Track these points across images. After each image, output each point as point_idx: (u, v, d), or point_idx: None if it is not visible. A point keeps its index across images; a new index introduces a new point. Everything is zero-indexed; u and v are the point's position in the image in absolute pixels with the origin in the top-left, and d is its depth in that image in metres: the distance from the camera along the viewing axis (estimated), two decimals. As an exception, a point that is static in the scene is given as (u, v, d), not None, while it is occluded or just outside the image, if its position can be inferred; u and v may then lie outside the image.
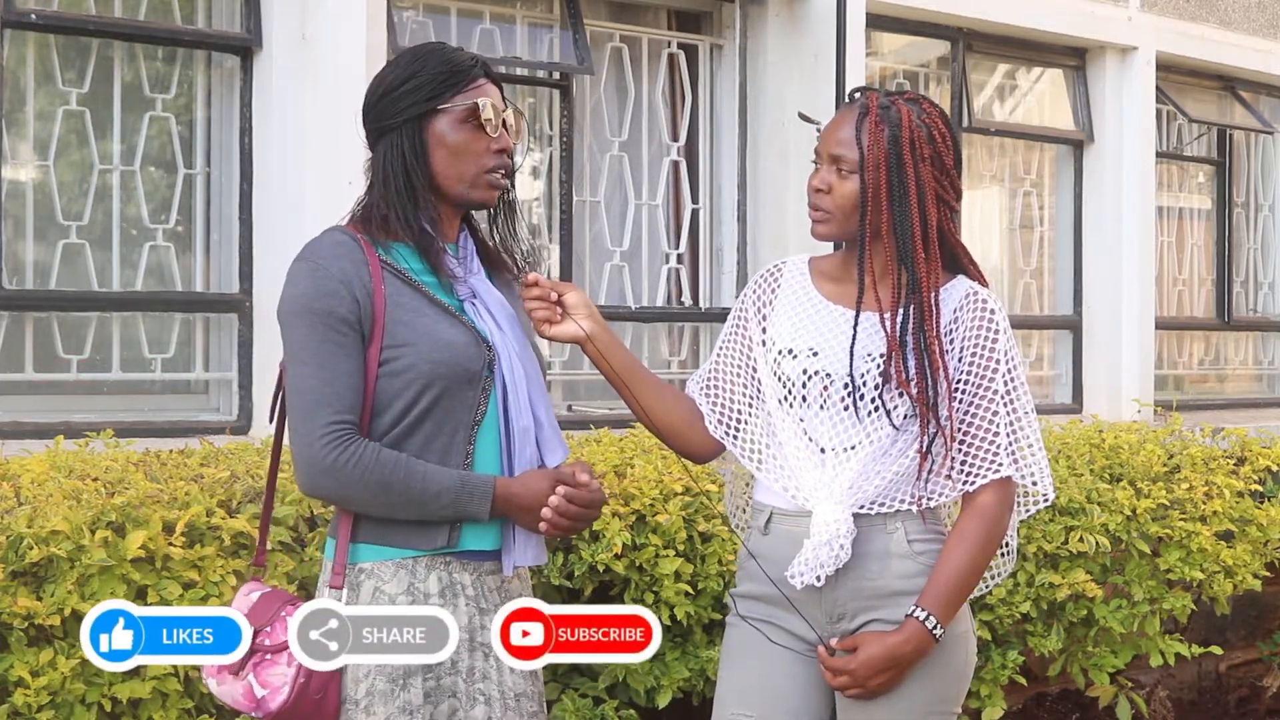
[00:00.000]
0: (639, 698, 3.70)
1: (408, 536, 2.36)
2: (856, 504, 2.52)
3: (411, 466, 2.32)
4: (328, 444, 2.29)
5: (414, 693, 2.33)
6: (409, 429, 2.35)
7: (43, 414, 4.92)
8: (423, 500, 2.32)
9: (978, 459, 2.53)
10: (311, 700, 2.31)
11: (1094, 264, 7.84)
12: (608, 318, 6.84)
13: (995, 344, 2.55)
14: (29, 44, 5.05)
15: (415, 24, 5.72)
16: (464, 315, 2.41)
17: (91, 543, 2.89)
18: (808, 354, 2.58)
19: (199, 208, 5.38)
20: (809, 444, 2.55)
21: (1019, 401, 2.57)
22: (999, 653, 4.23)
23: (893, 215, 2.52)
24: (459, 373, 2.36)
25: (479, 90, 2.43)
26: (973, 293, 2.58)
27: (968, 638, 2.62)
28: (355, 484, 2.30)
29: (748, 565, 2.66)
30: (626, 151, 6.34)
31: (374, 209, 2.41)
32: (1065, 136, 7.84)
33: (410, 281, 2.39)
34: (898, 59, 7.39)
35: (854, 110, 2.57)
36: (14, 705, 2.80)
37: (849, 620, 2.56)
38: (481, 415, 2.39)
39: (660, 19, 6.57)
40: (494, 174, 2.45)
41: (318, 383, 2.31)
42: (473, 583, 2.40)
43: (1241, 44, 8.35)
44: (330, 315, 2.31)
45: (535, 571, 3.50)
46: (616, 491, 3.65)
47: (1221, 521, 4.61)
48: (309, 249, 2.39)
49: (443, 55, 2.44)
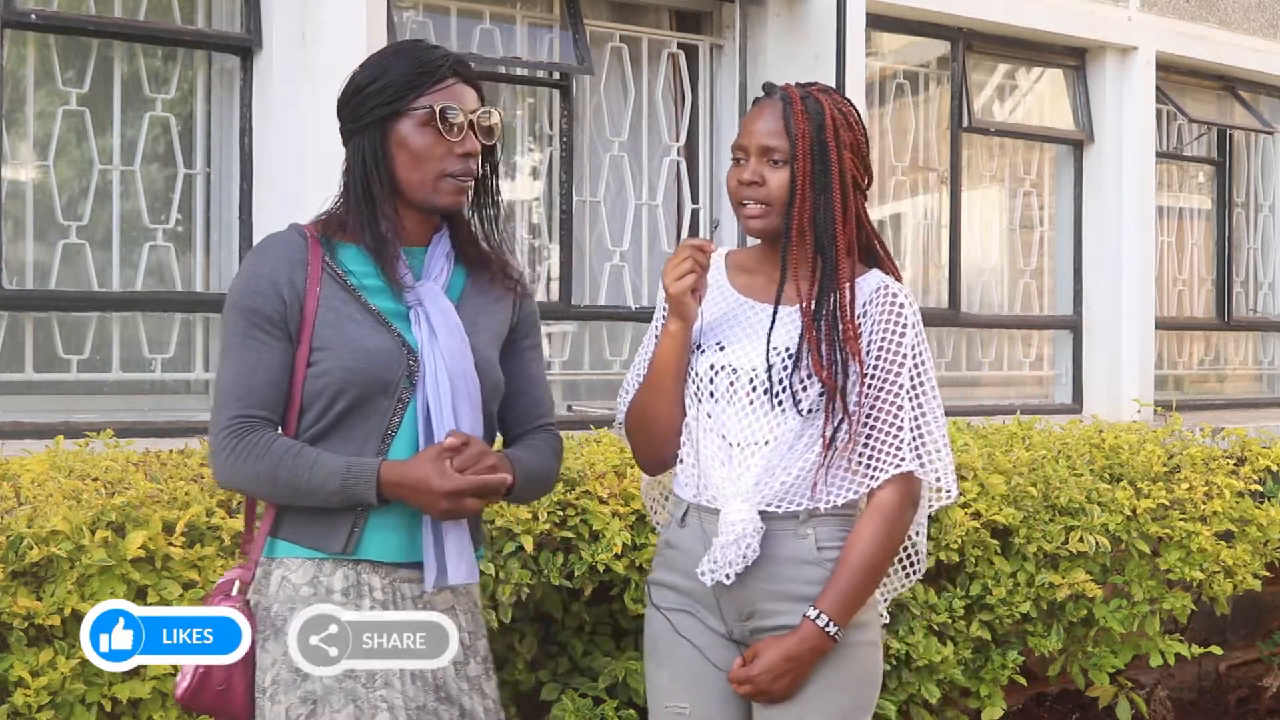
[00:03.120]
0: (639, 698, 3.70)
1: (314, 538, 2.38)
2: (763, 501, 2.54)
3: (302, 455, 2.33)
4: (226, 436, 2.34)
5: (316, 684, 2.33)
6: (324, 432, 2.37)
7: (43, 414, 4.92)
8: (311, 487, 2.32)
9: (880, 453, 2.53)
10: (214, 690, 2.34)
11: (1094, 264, 7.84)
12: (608, 318, 6.81)
13: (903, 338, 2.56)
14: (29, 44, 5.05)
15: (415, 24, 5.72)
16: (393, 323, 2.39)
17: (91, 543, 2.89)
18: (715, 348, 2.60)
19: (199, 208, 5.38)
20: (720, 440, 2.57)
21: (925, 397, 2.57)
22: (999, 653, 4.23)
23: (816, 204, 2.54)
24: (371, 381, 2.35)
25: (446, 92, 2.39)
26: (884, 286, 2.60)
27: (875, 646, 2.63)
28: (247, 473, 2.34)
29: (665, 554, 2.68)
30: (626, 151, 6.34)
31: (336, 210, 2.44)
32: (1065, 136, 7.84)
33: (347, 285, 2.39)
34: (898, 59, 7.39)
35: (776, 103, 2.58)
36: (14, 705, 2.80)
37: (760, 619, 2.58)
38: (396, 426, 2.38)
39: (660, 19, 6.57)
40: (456, 178, 2.39)
41: (232, 377, 2.36)
42: (383, 586, 2.39)
43: (1241, 44, 8.35)
44: (254, 313, 2.35)
45: (534, 572, 3.51)
46: (616, 491, 3.65)
47: (1221, 521, 4.61)
48: (255, 247, 2.45)
49: (412, 55, 2.41)
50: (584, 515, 3.57)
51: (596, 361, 6.27)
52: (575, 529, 3.55)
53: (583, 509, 3.58)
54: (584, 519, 3.57)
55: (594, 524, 3.56)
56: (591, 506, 3.57)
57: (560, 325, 6.14)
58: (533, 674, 3.72)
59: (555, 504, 3.54)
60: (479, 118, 2.40)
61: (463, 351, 2.40)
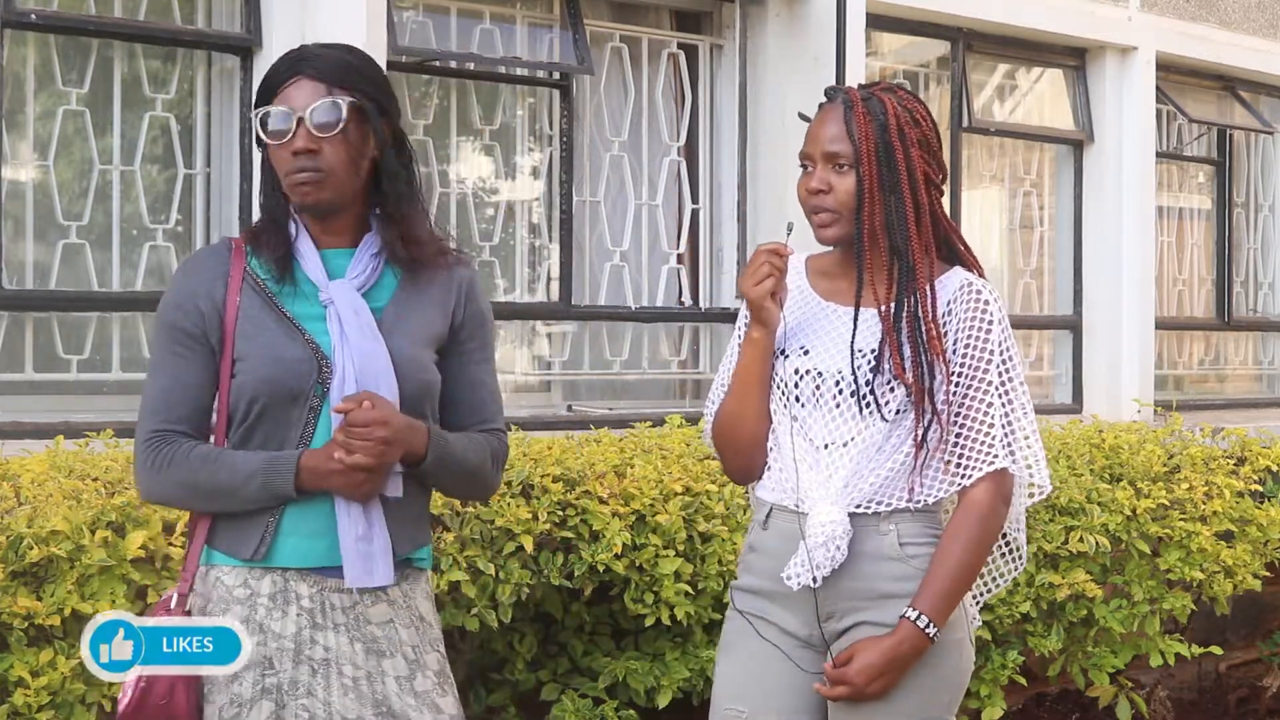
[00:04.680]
0: (639, 698, 3.70)
1: (231, 543, 2.37)
2: (852, 503, 2.52)
3: (221, 458, 2.34)
4: (145, 450, 2.37)
5: (244, 686, 2.34)
6: (241, 441, 2.38)
7: (43, 414, 4.92)
8: (233, 487, 2.33)
9: (972, 451, 2.52)
10: (156, 705, 2.32)
11: (1094, 264, 7.83)
12: (608, 318, 6.81)
13: (989, 335, 2.54)
14: (29, 44, 5.04)
15: (415, 24, 5.72)
16: (306, 329, 2.38)
17: (91, 543, 2.89)
18: (799, 353, 2.58)
19: (199, 207, 5.37)
20: (806, 443, 2.55)
21: (1014, 393, 2.55)
22: (999, 653, 4.23)
23: (887, 206, 2.52)
24: (282, 391, 2.35)
25: (288, 92, 2.37)
26: (968, 284, 2.58)
27: (962, 645, 2.60)
28: (169, 483, 2.36)
29: (747, 558, 2.66)
30: (627, 151, 6.34)
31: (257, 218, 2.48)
32: (1065, 136, 7.84)
33: (265, 292, 2.40)
34: (898, 59, 7.39)
35: (837, 107, 2.56)
36: (14, 705, 2.80)
37: (837, 620, 2.56)
38: (310, 435, 2.37)
39: (660, 19, 6.56)
40: (297, 174, 2.36)
41: (154, 391, 2.39)
42: (310, 595, 2.37)
43: (1241, 44, 8.35)
44: (174, 328, 2.39)
45: (534, 572, 3.51)
46: (616, 491, 3.65)
47: (1221, 521, 4.61)
48: (182, 261, 2.50)
49: (277, 60, 2.43)
50: (584, 515, 3.57)
51: (596, 361, 6.27)
52: (575, 529, 3.56)
53: (583, 509, 3.58)
54: (584, 519, 3.57)
55: (594, 524, 3.56)
56: (591, 506, 3.57)
57: (560, 325, 6.14)
58: (533, 674, 3.73)
59: (555, 504, 3.54)
60: (312, 111, 2.35)
61: (374, 351, 2.36)
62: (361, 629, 2.38)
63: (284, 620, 2.35)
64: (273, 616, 2.35)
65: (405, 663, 2.40)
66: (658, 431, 4.40)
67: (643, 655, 3.78)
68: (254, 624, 2.34)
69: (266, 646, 2.34)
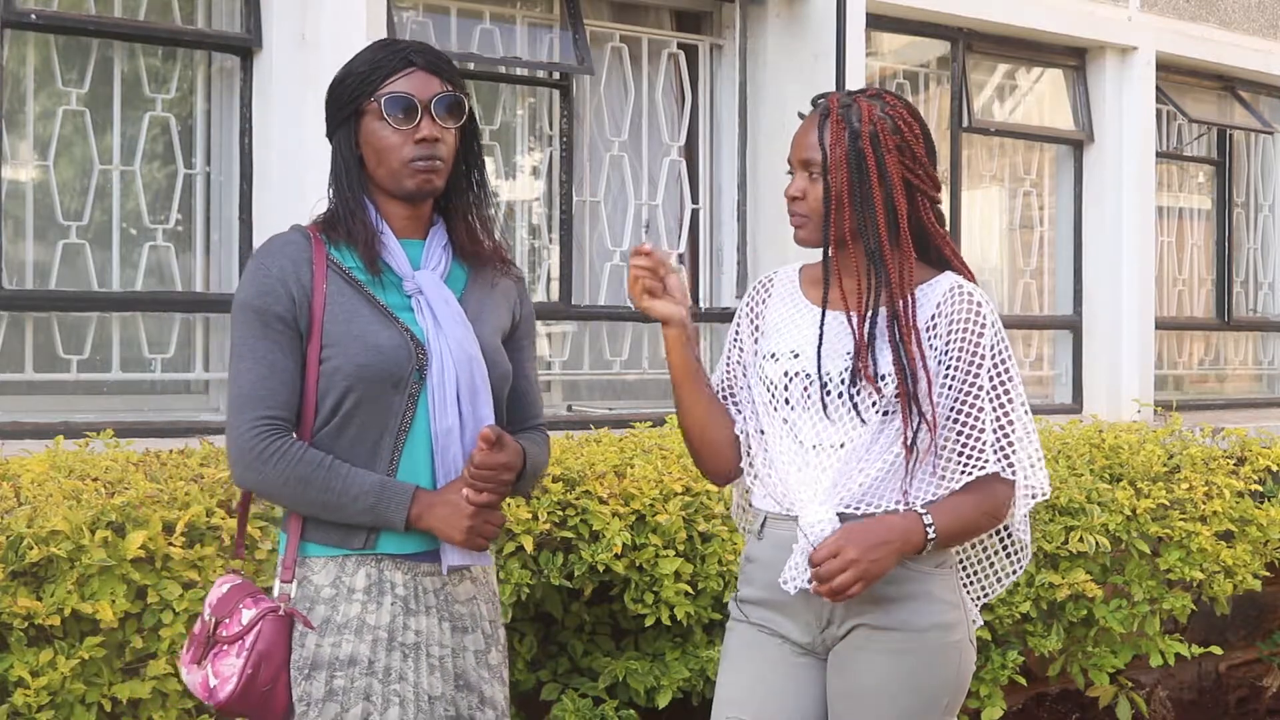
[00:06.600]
0: (639, 698, 3.70)
1: (333, 535, 2.40)
2: (842, 503, 2.51)
3: (335, 468, 2.35)
4: (254, 438, 2.35)
5: (315, 685, 2.36)
6: (337, 429, 2.39)
7: (43, 414, 4.92)
8: (341, 502, 2.35)
9: (962, 455, 2.51)
10: (259, 693, 2.34)
11: (1094, 264, 7.84)
12: (608, 318, 6.81)
13: (980, 338, 2.54)
14: (29, 44, 5.05)
15: (415, 24, 5.72)
16: (400, 317, 2.41)
17: (91, 543, 2.89)
18: (789, 356, 2.59)
19: (199, 207, 5.38)
20: (796, 445, 2.55)
21: (1008, 397, 2.54)
22: (999, 653, 4.23)
23: (856, 214, 2.53)
24: (383, 377, 2.37)
25: (402, 81, 2.41)
26: (957, 286, 2.57)
27: (963, 646, 2.59)
28: (276, 479, 2.35)
29: (745, 569, 2.67)
30: (627, 151, 6.34)
31: (331, 209, 2.47)
32: (1065, 136, 7.84)
33: (353, 281, 2.42)
34: (898, 59, 7.39)
35: (816, 115, 2.58)
36: (14, 705, 2.80)
37: (837, 625, 2.55)
38: (409, 421, 2.40)
39: (661, 19, 6.57)
40: (419, 161, 2.40)
41: (252, 378, 2.37)
42: (404, 582, 2.41)
43: (1241, 44, 8.35)
44: (266, 313, 2.38)
45: (534, 572, 3.51)
46: (616, 491, 3.65)
47: (1221, 521, 4.61)
48: (259, 248, 2.46)
49: (372, 50, 2.45)
50: (584, 515, 3.57)
51: (596, 361, 6.27)
52: (575, 529, 3.56)
53: (583, 509, 3.58)
54: (584, 519, 3.57)
55: (594, 524, 3.56)
56: (591, 506, 3.57)
57: (560, 325, 6.14)
58: (533, 674, 3.73)
59: (555, 504, 3.54)
60: (436, 102, 2.41)
61: (467, 338, 2.43)
62: (450, 608, 2.45)
63: (379, 611, 2.39)
64: (368, 610, 2.38)
65: (483, 637, 2.49)
66: (658, 431, 4.40)
67: (643, 655, 3.78)
68: (348, 620, 2.37)
69: (362, 639, 2.37)
